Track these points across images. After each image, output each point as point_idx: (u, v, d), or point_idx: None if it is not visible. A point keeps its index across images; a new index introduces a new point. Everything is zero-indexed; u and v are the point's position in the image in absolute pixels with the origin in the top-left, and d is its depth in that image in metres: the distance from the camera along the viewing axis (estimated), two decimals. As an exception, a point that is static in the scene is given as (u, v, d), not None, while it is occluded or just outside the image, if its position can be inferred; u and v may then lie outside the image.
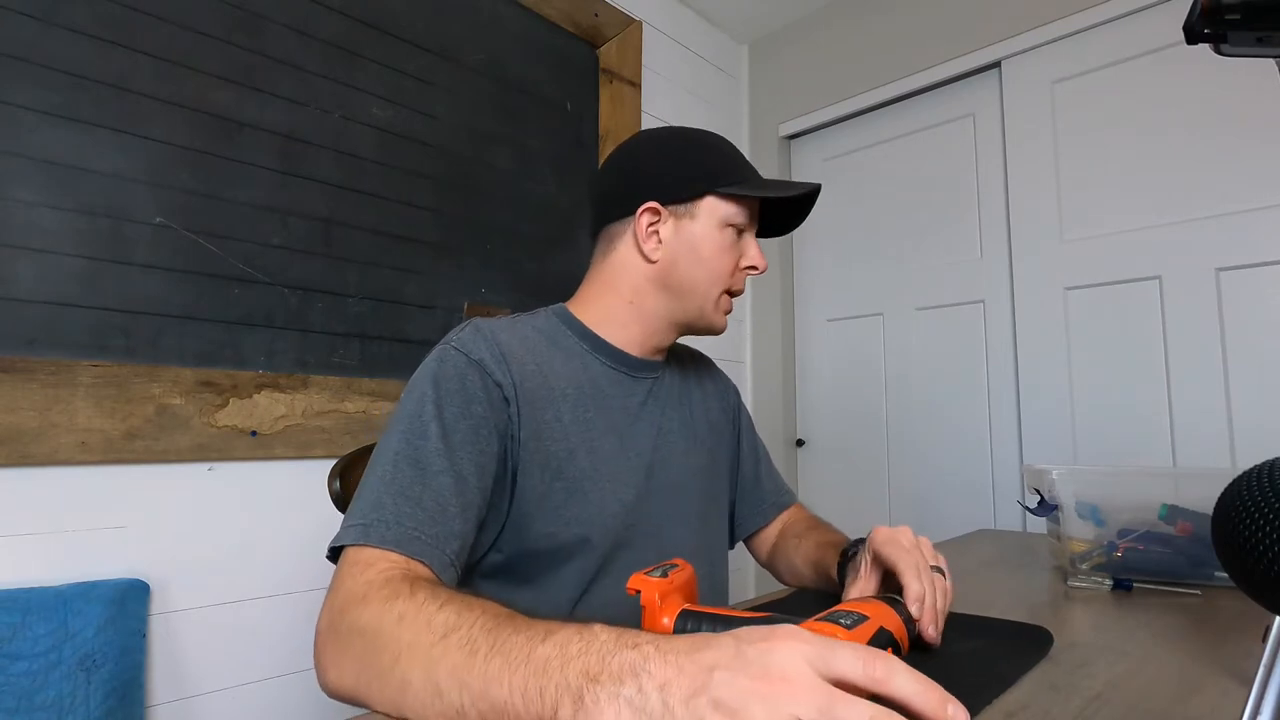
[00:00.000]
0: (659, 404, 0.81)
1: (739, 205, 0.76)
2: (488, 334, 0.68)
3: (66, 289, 1.08)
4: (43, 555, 1.03)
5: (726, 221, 0.75)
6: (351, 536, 0.54)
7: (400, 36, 1.53)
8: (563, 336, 0.76)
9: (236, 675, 1.20)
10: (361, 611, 0.48)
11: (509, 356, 0.68)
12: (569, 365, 0.74)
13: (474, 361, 0.65)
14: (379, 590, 0.48)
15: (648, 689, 0.34)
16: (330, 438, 1.33)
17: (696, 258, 0.75)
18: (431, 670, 0.42)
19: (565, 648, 0.38)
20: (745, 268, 0.78)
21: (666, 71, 2.21)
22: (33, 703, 0.93)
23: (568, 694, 0.36)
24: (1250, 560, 0.32)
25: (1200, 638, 0.60)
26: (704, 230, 0.75)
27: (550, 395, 0.70)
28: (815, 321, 2.37)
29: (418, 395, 0.63)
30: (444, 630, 0.43)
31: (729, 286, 0.78)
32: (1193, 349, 1.55)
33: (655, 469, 0.77)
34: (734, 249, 0.77)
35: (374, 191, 1.46)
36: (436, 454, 0.59)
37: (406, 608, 0.46)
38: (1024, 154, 1.85)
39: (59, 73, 1.10)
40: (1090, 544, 0.83)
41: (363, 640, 0.46)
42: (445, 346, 0.67)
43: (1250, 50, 0.33)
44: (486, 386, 0.65)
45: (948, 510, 1.96)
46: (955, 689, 0.46)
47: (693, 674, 0.34)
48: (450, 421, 0.61)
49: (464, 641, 0.42)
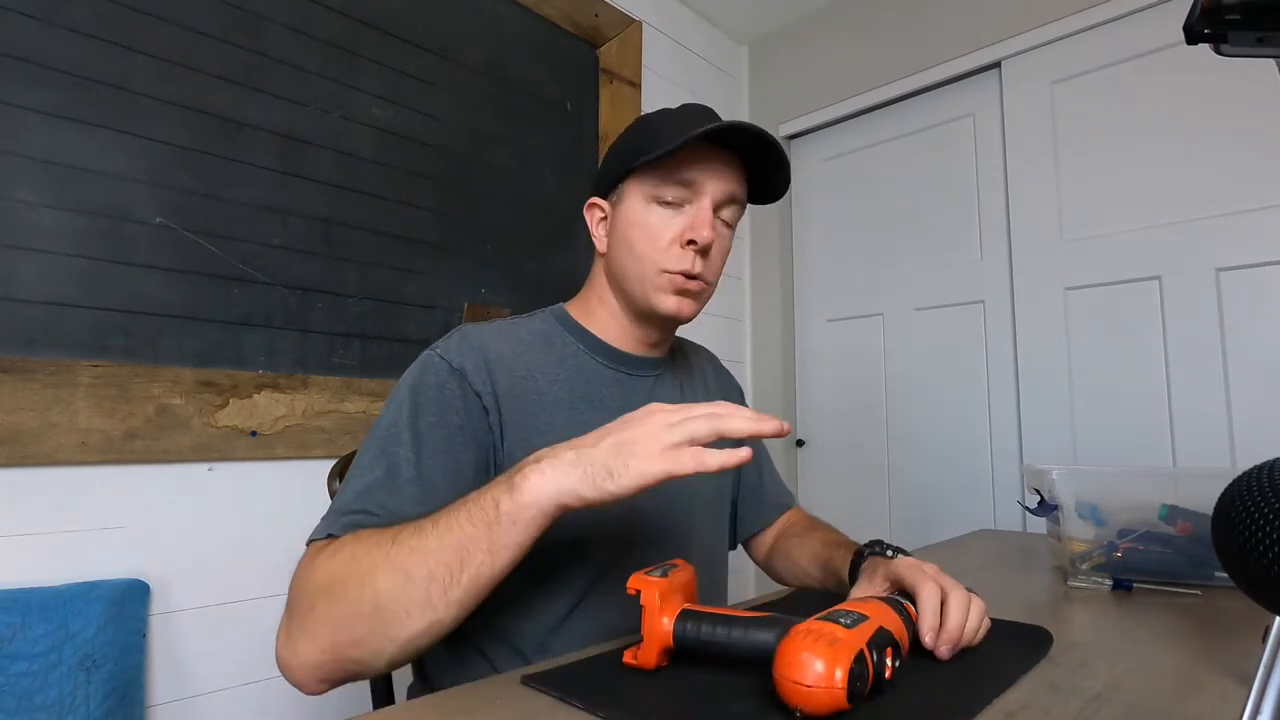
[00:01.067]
0: (661, 402, 0.80)
1: (660, 175, 0.70)
2: (475, 342, 0.69)
3: (67, 289, 1.08)
4: (43, 555, 1.03)
5: (652, 197, 0.71)
6: (323, 528, 0.58)
7: (400, 36, 1.53)
8: (558, 337, 0.76)
9: (236, 675, 1.20)
10: (312, 576, 0.53)
11: (494, 364, 0.68)
12: (563, 367, 0.73)
13: (455, 370, 0.66)
14: (326, 554, 0.54)
15: (560, 452, 0.50)
16: (330, 438, 1.33)
17: (627, 241, 0.72)
18: (394, 566, 0.49)
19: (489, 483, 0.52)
20: (686, 242, 0.70)
21: (666, 71, 2.21)
22: (33, 703, 0.93)
23: (501, 489, 0.49)
24: (1250, 560, 0.32)
25: (1200, 638, 0.60)
26: (630, 212, 0.72)
27: (542, 400, 0.69)
28: (815, 321, 2.37)
29: (397, 403, 0.65)
30: (391, 537, 0.51)
31: (664, 265, 0.71)
32: (1193, 349, 1.55)
33: None
34: (666, 223, 0.71)
35: (374, 191, 1.46)
36: (406, 461, 0.61)
37: (354, 548, 0.52)
38: (1024, 154, 1.85)
39: (59, 73, 1.10)
40: (1090, 544, 0.83)
41: (326, 595, 0.51)
42: (430, 353, 0.68)
43: (1250, 50, 0.33)
44: (465, 395, 0.65)
45: (948, 510, 1.96)
46: (955, 689, 0.46)
47: (593, 435, 0.51)
48: (424, 431, 0.63)
49: (411, 531, 0.51)
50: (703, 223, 0.69)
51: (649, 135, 0.71)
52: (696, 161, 0.69)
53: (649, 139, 0.70)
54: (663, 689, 0.47)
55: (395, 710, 0.47)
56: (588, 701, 0.44)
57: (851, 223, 2.28)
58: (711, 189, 0.71)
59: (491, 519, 0.49)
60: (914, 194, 2.12)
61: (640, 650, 0.50)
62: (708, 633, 0.48)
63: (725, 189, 0.71)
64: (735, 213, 0.74)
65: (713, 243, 0.70)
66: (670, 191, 0.70)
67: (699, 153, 0.69)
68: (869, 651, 0.42)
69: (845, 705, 0.39)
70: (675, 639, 0.49)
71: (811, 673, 0.39)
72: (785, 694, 0.40)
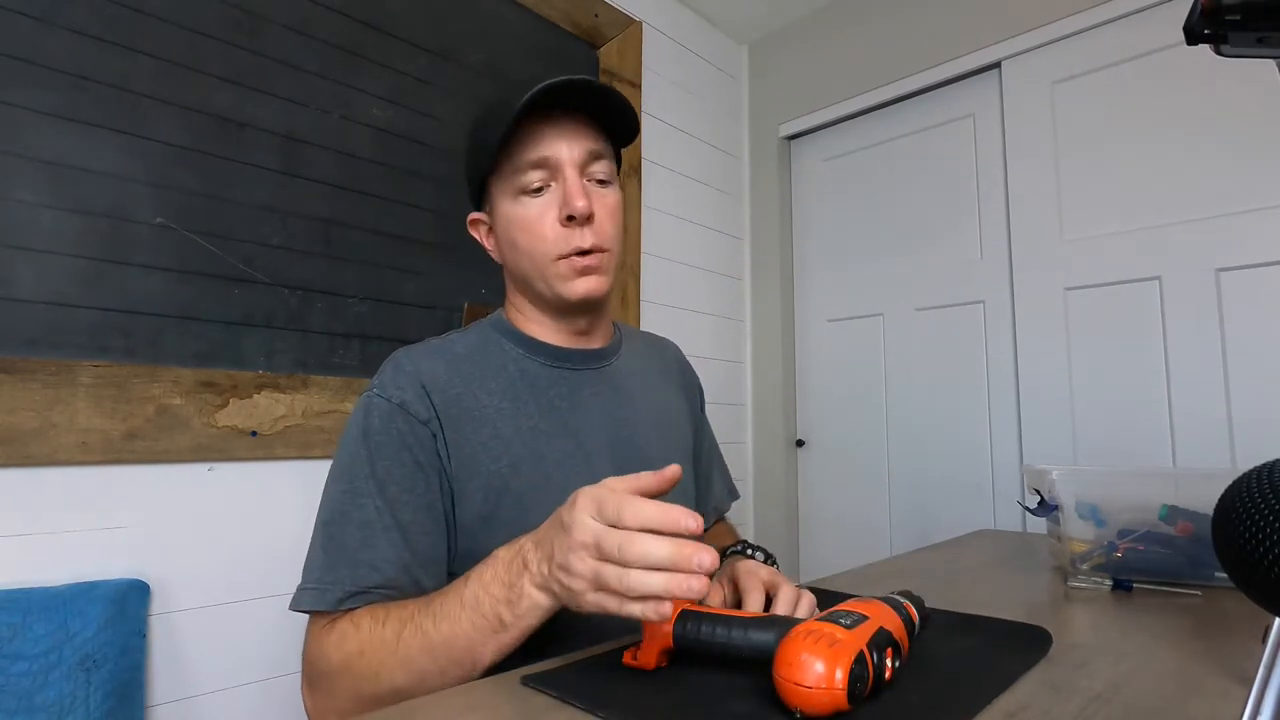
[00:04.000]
0: (615, 395, 0.77)
1: (513, 165, 0.67)
2: (408, 368, 0.67)
3: (67, 289, 1.08)
4: (43, 555, 1.03)
5: (517, 190, 0.68)
6: (308, 601, 0.60)
7: (400, 37, 1.53)
8: (495, 346, 0.74)
9: (236, 675, 1.20)
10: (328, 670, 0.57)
11: (430, 387, 0.66)
12: (503, 375, 0.71)
13: (395, 405, 0.65)
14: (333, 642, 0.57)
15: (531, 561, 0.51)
16: (330, 438, 1.33)
17: (512, 244, 0.71)
18: (405, 665, 0.53)
19: (481, 578, 0.53)
20: (565, 219, 0.67)
21: (666, 72, 2.21)
22: (33, 703, 0.93)
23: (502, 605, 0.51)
24: (1251, 561, 0.32)
25: (1200, 638, 0.60)
26: (505, 212, 0.70)
27: (484, 414, 0.68)
28: (815, 321, 2.37)
29: (351, 452, 0.64)
30: (395, 636, 0.54)
31: (554, 252, 0.68)
32: (1193, 349, 1.55)
33: (620, 463, 0.73)
34: (540, 210, 0.68)
35: (374, 191, 1.46)
36: (379, 510, 0.61)
37: (359, 641, 0.56)
38: (1024, 154, 1.85)
39: (60, 73, 1.09)
40: (1090, 544, 0.83)
41: (348, 675, 0.56)
42: (369, 395, 0.67)
43: (1250, 51, 0.33)
44: (413, 427, 0.64)
45: (948, 510, 1.96)
46: (955, 689, 0.46)
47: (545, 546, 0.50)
48: (383, 475, 0.62)
49: (414, 632, 0.53)
50: (573, 193, 0.66)
51: (485, 134, 0.68)
52: (542, 137, 0.66)
53: (488, 137, 0.67)
54: (662, 689, 0.47)
55: (395, 710, 0.47)
56: (588, 702, 0.44)
57: (852, 223, 2.28)
58: (568, 155, 0.67)
59: (495, 627, 0.52)
60: (914, 194, 2.12)
61: (640, 650, 0.50)
62: (707, 633, 0.48)
63: (581, 148, 0.68)
64: (606, 166, 0.70)
65: (592, 208, 0.67)
66: (530, 177, 0.67)
67: (540, 127, 0.66)
68: (869, 652, 0.42)
69: (845, 706, 0.39)
70: (675, 639, 0.49)
71: (812, 673, 0.39)
72: (785, 695, 0.40)
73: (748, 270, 2.50)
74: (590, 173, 0.69)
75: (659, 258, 2.12)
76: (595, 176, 0.70)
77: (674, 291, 2.17)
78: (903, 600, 0.53)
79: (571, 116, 0.68)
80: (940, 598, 0.71)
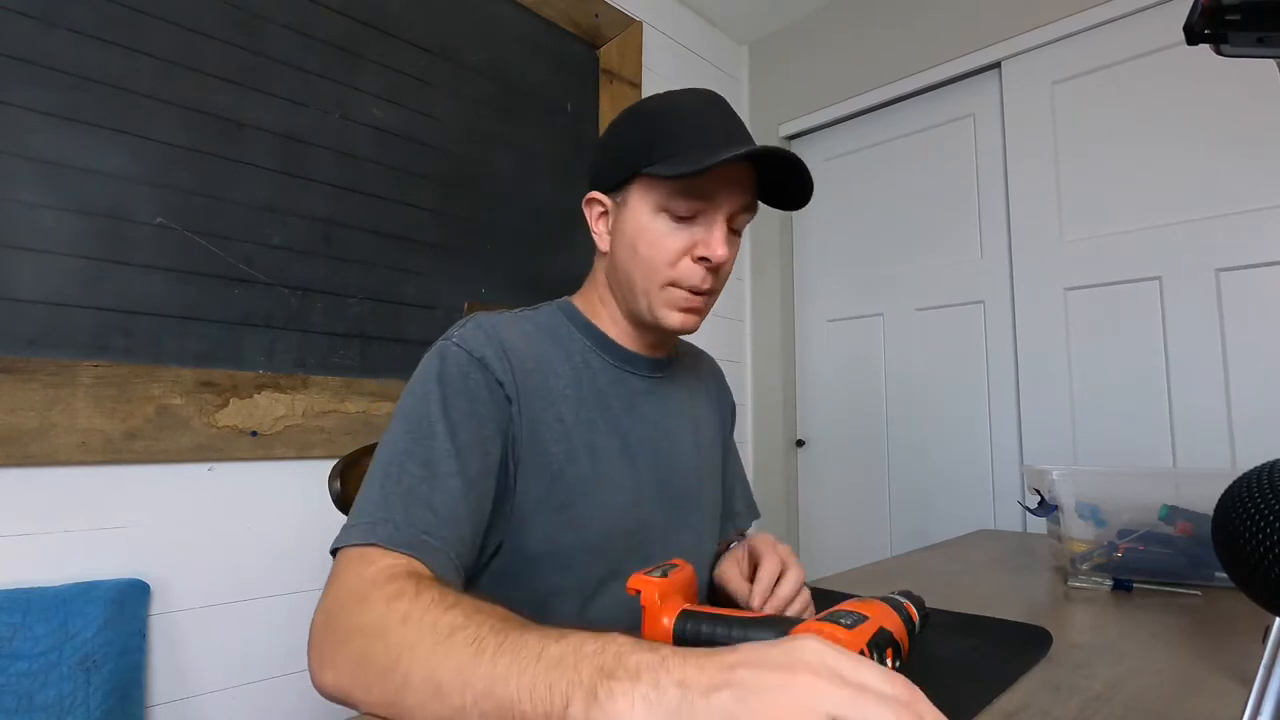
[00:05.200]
0: (665, 406, 0.77)
1: (674, 186, 0.64)
2: (490, 330, 0.66)
3: (67, 289, 1.08)
4: (43, 555, 1.03)
5: (663, 208, 0.66)
6: (357, 535, 0.52)
7: (400, 36, 1.53)
8: (565, 332, 0.73)
9: (236, 675, 1.20)
10: (364, 611, 0.46)
11: (511, 353, 0.65)
12: (570, 363, 0.71)
13: (476, 359, 0.63)
14: (382, 588, 0.47)
15: (665, 684, 0.33)
16: (330, 438, 1.33)
17: (631, 249, 0.68)
18: (434, 669, 0.40)
19: (580, 647, 0.36)
20: (698, 258, 0.66)
21: (666, 72, 2.21)
22: (33, 703, 0.93)
23: (580, 689, 0.34)
24: (1251, 562, 0.32)
25: (1200, 638, 0.60)
26: (638, 217, 0.67)
27: (551, 395, 0.67)
28: (815, 321, 2.37)
29: (421, 393, 0.61)
30: (449, 630, 0.41)
31: (673, 279, 0.67)
32: (1193, 349, 1.55)
33: (662, 474, 0.74)
34: (676, 236, 0.66)
35: (374, 191, 1.46)
36: (446, 455, 0.57)
37: (411, 608, 0.44)
38: (1024, 154, 1.85)
39: (60, 73, 1.09)
40: (1090, 544, 0.83)
41: (363, 639, 0.45)
42: (447, 343, 0.64)
43: (1251, 51, 0.33)
44: (490, 385, 0.62)
45: (948, 510, 1.96)
46: (955, 689, 0.46)
47: (713, 671, 0.32)
48: (457, 421, 0.59)
49: (470, 640, 0.40)
50: (718, 241, 0.66)
51: (664, 136, 0.65)
52: (718, 177, 0.64)
53: (664, 140, 0.65)
54: None
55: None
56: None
57: (852, 223, 2.28)
58: (728, 204, 0.66)
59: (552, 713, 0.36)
60: (914, 194, 2.12)
61: None
62: (708, 633, 0.48)
63: (740, 201, 0.67)
64: (745, 219, 0.70)
65: (727, 259, 0.67)
66: (684, 206, 0.65)
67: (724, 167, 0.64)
68: (869, 652, 0.42)
69: None
70: (675, 639, 0.49)
71: None
72: None
73: (748, 270, 2.50)
74: (734, 222, 0.69)
75: (659, 258, 2.12)
76: (735, 226, 0.69)
77: (674, 291, 2.17)
78: (903, 600, 0.53)
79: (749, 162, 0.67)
80: (940, 598, 0.71)
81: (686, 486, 0.77)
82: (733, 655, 0.33)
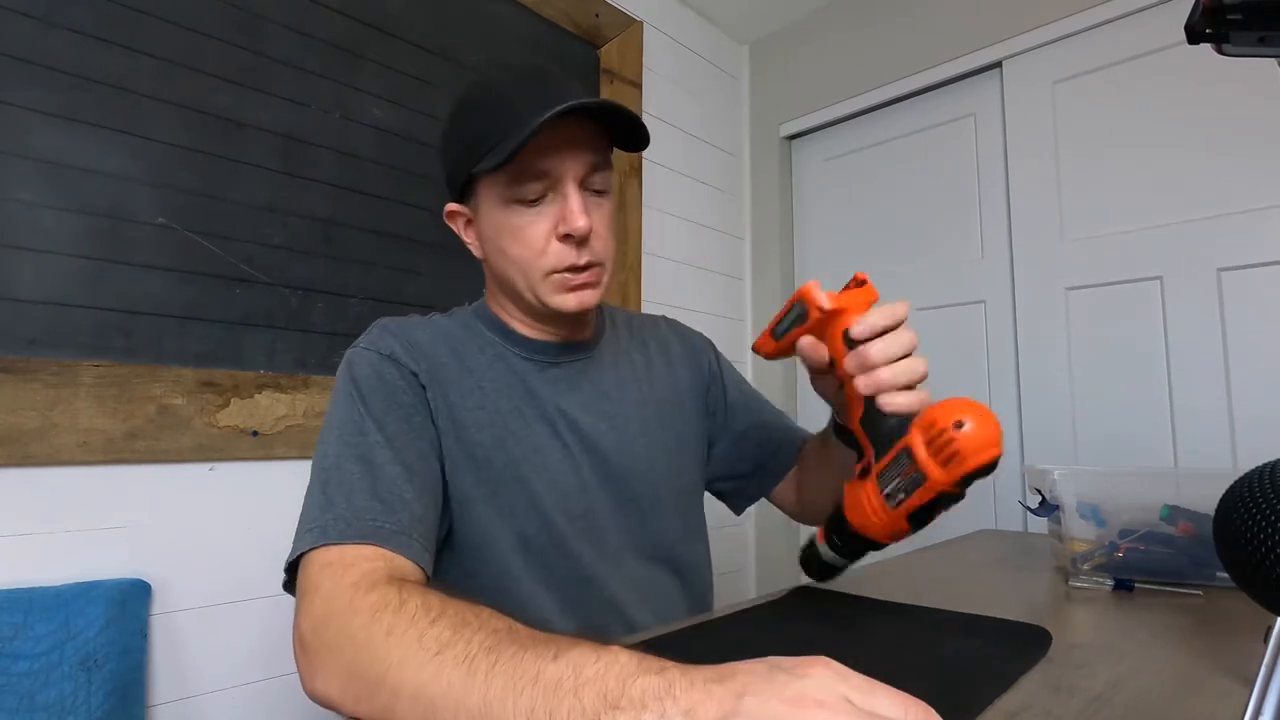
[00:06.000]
0: (598, 388, 0.75)
1: (508, 174, 0.62)
2: (395, 330, 0.67)
3: (68, 289, 1.08)
4: (44, 555, 1.03)
5: (507, 198, 0.64)
6: (309, 540, 0.52)
7: (400, 36, 1.53)
8: (477, 329, 0.73)
9: (237, 675, 1.20)
10: (347, 621, 0.45)
11: (419, 347, 0.66)
12: (485, 355, 0.71)
13: (385, 355, 0.64)
14: (365, 597, 0.45)
15: (671, 715, 0.31)
16: (331, 438, 1.33)
17: (500, 251, 0.67)
18: (423, 690, 0.38)
19: (580, 669, 0.34)
20: (563, 236, 0.64)
21: (667, 71, 2.21)
22: (34, 702, 0.93)
23: (582, 719, 0.32)
24: (1252, 562, 0.32)
25: (1201, 638, 0.60)
26: (492, 218, 0.66)
27: (469, 383, 0.67)
28: (816, 321, 2.36)
29: (341, 400, 0.62)
30: (437, 647, 0.39)
31: (549, 267, 0.65)
32: (1194, 349, 1.55)
33: (606, 455, 0.72)
34: (535, 223, 0.64)
35: (374, 191, 1.46)
36: (378, 446, 0.58)
37: (395, 621, 0.42)
38: (1025, 154, 1.85)
39: (60, 73, 1.09)
40: (1091, 544, 0.83)
41: (352, 649, 0.43)
42: (354, 350, 0.66)
43: (1252, 50, 0.33)
44: (404, 375, 0.63)
45: (948, 510, 1.95)
46: (955, 689, 0.46)
47: (721, 698, 0.31)
48: (380, 415, 0.60)
49: (461, 659, 0.38)
50: (574, 213, 0.63)
51: (482, 128, 0.63)
52: (545, 146, 0.61)
53: (483, 132, 0.62)
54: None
55: None
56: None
57: (852, 223, 2.28)
58: (571, 169, 0.63)
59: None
60: (914, 194, 2.11)
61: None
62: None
63: (587, 162, 0.64)
64: (605, 176, 0.67)
65: (591, 225, 0.64)
66: (528, 189, 0.63)
67: (546, 135, 0.60)
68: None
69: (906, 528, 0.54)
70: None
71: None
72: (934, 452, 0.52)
73: (748, 270, 2.50)
74: (589, 184, 0.66)
75: (660, 257, 2.12)
76: (593, 187, 0.67)
77: (675, 291, 2.17)
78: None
79: (578, 120, 0.63)
80: (940, 598, 0.71)
81: (642, 470, 0.75)
82: (742, 678, 0.32)
